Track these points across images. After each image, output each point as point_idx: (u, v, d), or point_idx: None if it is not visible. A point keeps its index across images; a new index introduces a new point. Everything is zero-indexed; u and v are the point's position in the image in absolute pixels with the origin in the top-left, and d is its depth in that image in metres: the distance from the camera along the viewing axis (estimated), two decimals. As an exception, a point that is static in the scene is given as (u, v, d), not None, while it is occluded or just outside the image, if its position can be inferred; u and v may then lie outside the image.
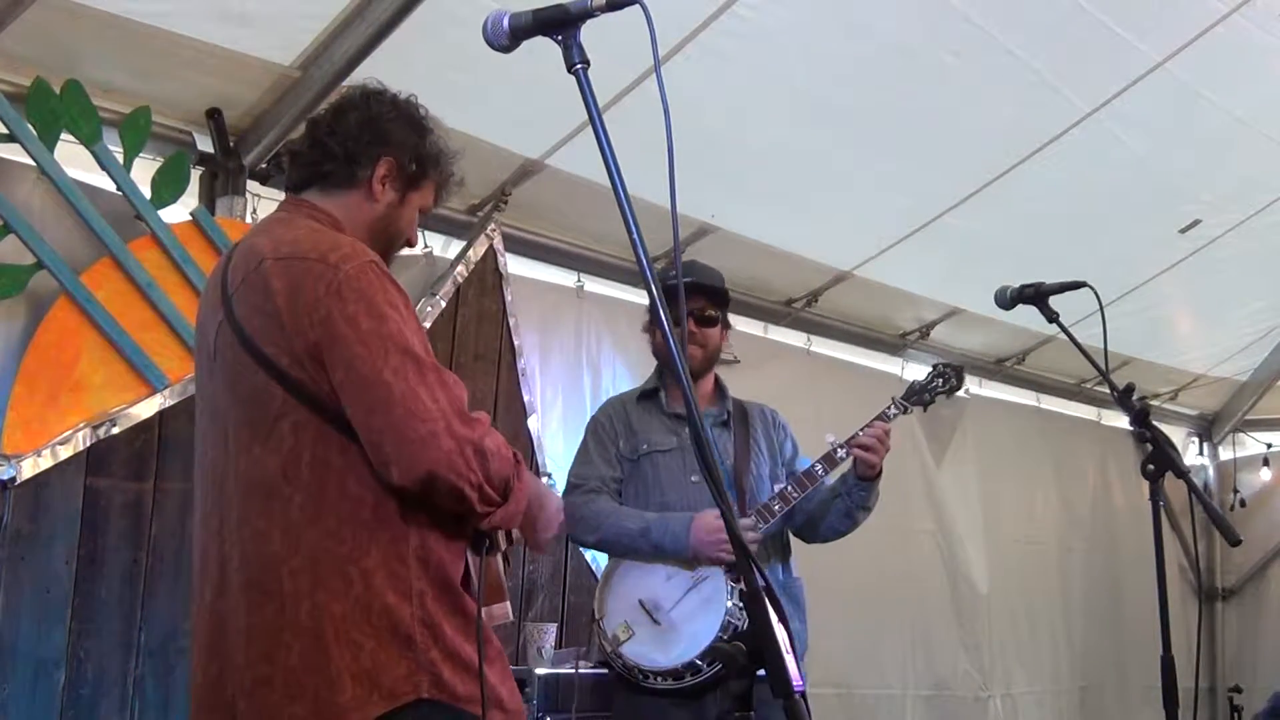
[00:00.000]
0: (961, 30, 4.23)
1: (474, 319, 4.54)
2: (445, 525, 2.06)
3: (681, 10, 3.90)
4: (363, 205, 2.27)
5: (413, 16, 3.53)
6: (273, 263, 2.09)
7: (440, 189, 2.40)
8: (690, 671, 3.25)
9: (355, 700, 1.95)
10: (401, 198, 2.30)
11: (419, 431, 1.94)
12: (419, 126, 2.32)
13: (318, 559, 1.99)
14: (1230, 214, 5.71)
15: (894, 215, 5.20)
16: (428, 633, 2.00)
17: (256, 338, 2.06)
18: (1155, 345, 6.77)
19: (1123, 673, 7.09)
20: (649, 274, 1.59)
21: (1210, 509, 3.08)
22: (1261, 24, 4.47)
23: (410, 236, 2.37)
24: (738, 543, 1.56)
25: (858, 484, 3.45)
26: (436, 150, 2.34)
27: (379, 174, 2.26)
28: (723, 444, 3.56)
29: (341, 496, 2.01)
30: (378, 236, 2.29)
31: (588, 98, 1.67)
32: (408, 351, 2.00)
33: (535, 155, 4.36)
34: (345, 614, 1.97)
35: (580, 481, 3.52)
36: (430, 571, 2.03)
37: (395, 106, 2.32)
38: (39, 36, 3.29)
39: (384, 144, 2.27)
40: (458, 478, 1.96)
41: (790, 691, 1.43)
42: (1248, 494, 7.84)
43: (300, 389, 2.02)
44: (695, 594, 3.34)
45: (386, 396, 1.96)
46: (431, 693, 1.98)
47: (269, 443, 2.04)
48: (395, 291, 2.09)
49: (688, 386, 1.63)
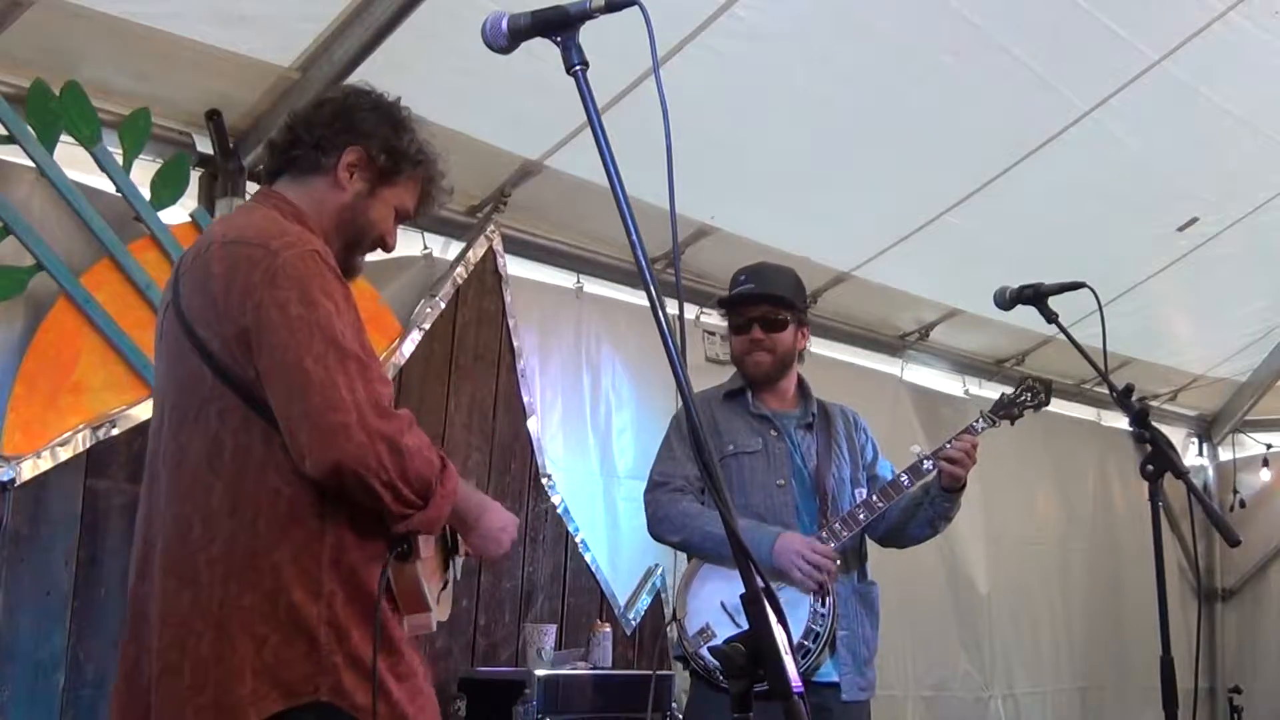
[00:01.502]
0: (960, 30, 4.23)
1: (473, 320, 4.54)
2: (364, 526, 2.01)
3: (680, 11, 3.90)
4: (329, 193, 2.25)
5: (412, 18, 3.53)
6: (218, 246, 2.09)
7: (426, 194, 2.37)
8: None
9: (254, 694, 1.92)
10: (371, 190, 2.27)
11: (331, 421, 1.91)
12: (395, 122, 2.29)
13: (232, 549, 1.97)
14: (1228, 211, 5.71)
15: (893, 215, 5.20)
16: (333, 635, 1.96)
17: (193, 320, 2.06)
18: (1154, 346, 6.77)
19: (1123, 673, 7.08)
20: (648, 275, 1.59)
21: (1210, 509, 3.08)
22: (1259, 21, 4.47)
23: (384, 234, 2.32)
24: (737, 542, 1.56)
25: (942, 495, 3.45)
26: (413, 149, 2.29)
27: (345, 161, 2.24)
28: (806, 446, 3.55)
29: (260, 487, 1.98)
30: (344, 227, 2.26)
31: (587, 99, 1.66)
32: (332, 340, 1.96)
33: (534, 156, 4.36)
34: (253, 607, 1.95)
35: (664, 479, 3.50)
36: (343, 573, 1.99)
37: (374, 102, 2.31)
38: (39, 38, 3.29)
39: (353, 132, 2.25)
40: (367, 472, 1.91)
41: (789, 693, 1.43)
42: (1247, 494, 7.83)
43: (228, 374, 2.01)
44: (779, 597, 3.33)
45: (304, 384, 1.93)
46: (330, 697, 1.94)
47: (196, 427, 2.03)
48: (334, 282, 2.05)
49: (687, 387, 1.62)
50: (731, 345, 3.60)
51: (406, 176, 2.30)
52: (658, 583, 4.96)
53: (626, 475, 4.98)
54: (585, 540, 4.79)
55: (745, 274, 3.57)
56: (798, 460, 3.52)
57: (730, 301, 3.55)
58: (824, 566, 3.27)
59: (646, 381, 5.01)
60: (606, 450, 4.96)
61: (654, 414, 5.06)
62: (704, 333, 5.30)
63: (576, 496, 4.79)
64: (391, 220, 2.32)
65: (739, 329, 3.54)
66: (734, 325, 3.55)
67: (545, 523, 4.70)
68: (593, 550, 4.81)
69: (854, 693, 3.37)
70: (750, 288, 3.52)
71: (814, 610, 3.29)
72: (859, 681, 3.39)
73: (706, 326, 5.32)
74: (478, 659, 4.41)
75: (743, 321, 3.53)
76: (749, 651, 1.48)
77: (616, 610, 4.83)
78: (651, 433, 5.03)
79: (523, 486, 4.62)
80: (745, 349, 3.54)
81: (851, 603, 3.42)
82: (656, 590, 4.95)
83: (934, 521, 3.52)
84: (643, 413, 5.04)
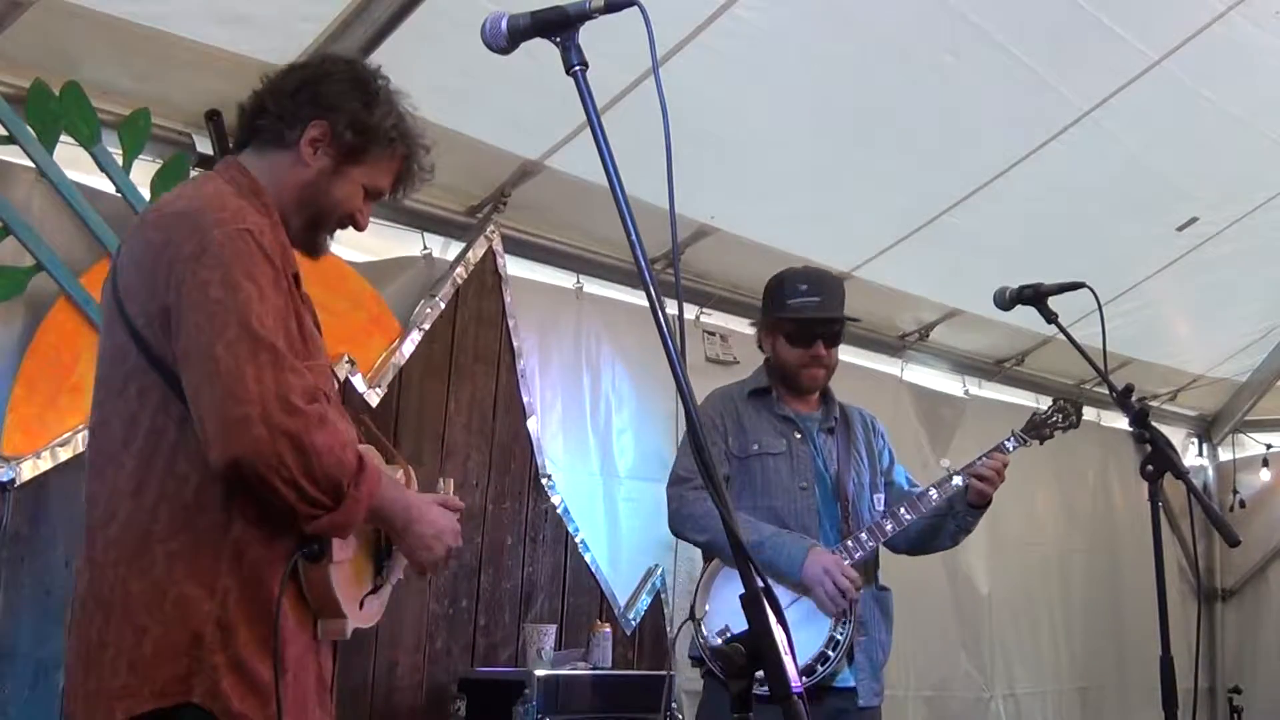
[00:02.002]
0: (959, 29, 4.23)
1: (473, 320, 4.54)
2: (272, 523, 1.93)
3: (680, 11, 3.90)
4: (292, 169, 2.15)
5: (412, 18, 3.53)
6: (154, 218, 2.03)
7: (404, 173, 2.25)
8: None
9: (124, 689, 1.84)
10: (336, 167, 2.16)
11: (233, 414, 1.83)
12: (368, 95, 2.17)
13: (127, 532, 1.90)
14: (1228, 211, 5.71)
15: (893, 215, 5.20)
16: (219, 634, 1.87)
17: (124, 294, 2.00)
18: (1154, 346, 6.77)
19: (1123, 673, 7.08)
20: (647, 275, 1.59)
21: (1209, 510, 3.08)
22: (1259, 21, 4.47)
23: (352, 214, 2.21)
24: (737, 542, 1.56)
25: (968, 510, 3.48)
26: (386, 125, 2.17)
27: (309, 136, 2.14)
28: (828, 450, 3.56)
29: (168, 472, 1.92)
30: (305, 205, 2.17)
31: (586, 99, 1.67)
32: (247, 327, 1.88)
33: (534, 156, 4.36)
34: (140, 595, 1.87)
35: (689, 476, 3.44)
36: (243, 569, 1.91)
37: (348, 72, 2.20)
38: (38, 38, 3.29)
39: (318, 106, 2.14)
40: (266, 469, 1.83)
41: (789, 693, 1.43)
42: (1247, 495, 7.82)
43: (151, 352, 1.95)
44: (800, 605, 3.32)
45: (212, 372, 1.85)
46: (204, 700, 1.85)
47: (117, 404, 1.97)
48: (263, 264, 1.96)
49: (687, 387, 1.62)
50: (782, 353, 3.55)
51: (378, 154, 2.19)
52: (658, 583, 4.96)
53: (627, 475, 4.98)
54: (585, 540, 4.79)
55: (807, 284, 3.53)
56: (820, 464, 3.52)
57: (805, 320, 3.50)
58: (848, 591, 3.28)
59: (646, 382, 5.02)
60: (606, 450, 4.96)
61: (654, 414, 5.06)
62: (704, 333, 5.30)
63: (576, 496, 4.79)
64: (359, 199, 2.21)
65: (800, 341, 3.51)
66: (793, 337, 3.52)
67: (545, 523, 4.70)
68: (593, 550, 4.81)
69: (869, 698, 3.40)
70: (816, 300, 3.50)
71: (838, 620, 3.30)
72: (874, 687, 3.42)
73: (706, 326, 5.32)
74: (477, 659, 4.41)
75: (807, 336, 3.51)
76: (749, 651, 1.48)
77: (616, 610, 4.83)
78: (652, 433, 5.05)
79: (523, 486, 4.62)
80: (804, 363, 3.52)
81: (870, 609, 3.44)
82: (656, 590, 4.95)
83: (956, 535, 3.56)
84: (643, 413, 5.05)
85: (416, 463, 2.73)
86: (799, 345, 3.51)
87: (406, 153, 2.23)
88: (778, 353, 3.57)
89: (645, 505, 5.02)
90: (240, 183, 2.13)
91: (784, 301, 3.52)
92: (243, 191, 2.10)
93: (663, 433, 5.07)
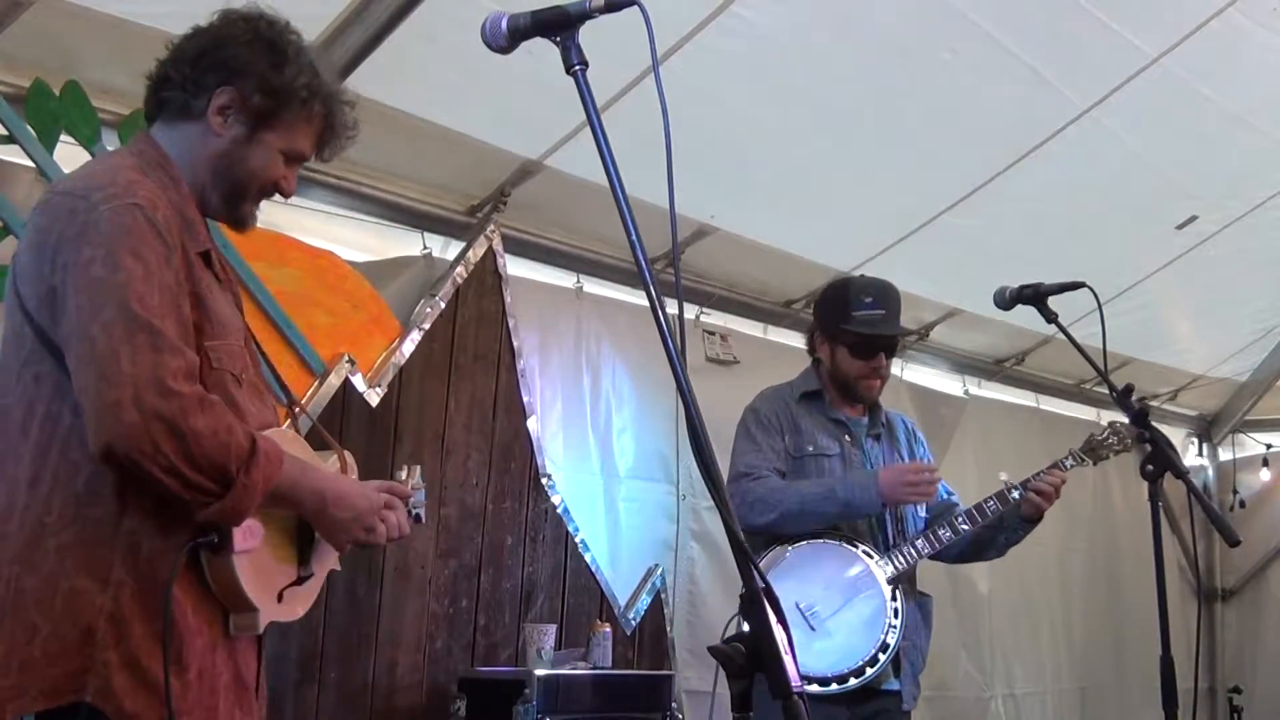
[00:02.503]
0: (958, 27, 4.23)
1: (473, 320, 4.54)
2: (166, 513, 1.85)
3: (679, 10, 3.90)
4: (203, 139, 2.05)
5: (411, 18, 3.53)
6: (48, 197, 1.95)
7: (326, 132, 2.13)
8: (836, 681, 3.29)
9: (13, 690, 1.76)
10: (250, 134, 2.05)
11: (106, 398, 1.75)
12: (275, 54, 2.05)
13: (23, 526, 1.82)
14: (1228, 210, 5.71)
15: (893, 215, 5.20)
16: (112, 630, 1.79)
17: (19, 276, 1.93)
18: (1154, 345, 6.77)
19: (1123, 673, 7.08)
20: (648, 274, 1.59)
21: (1209, 510, 3.09)
22: (1258, 19, 4.48)
23: (275, 181, 2.10)
24: (737, 542, 1.56)
25: (1020, 524, 3.55)
26: (298, 84, 2.05)
27: (216, 104, 2.03)
28: (875, 456, 3.61)
29: (62, 460, 1.84)
30: (221, 176, 2.06)
31: (586, 99, 1.67)
32: (124, 307, 1.79)
33: (534, 156, 4.36)
34: (32, 591, 1.79)
35: (751, 470, 3.47)
36: (138, 562, 1.82)
37: (251, 32, 2.07)
38: (38, 38, 3.29)
39: (224, 71, 2.03)
40: (141, 456, 1.75)
41: (789, 692, 1.43)
42: (1247, 495, 7.83)
43: (42, 335, 1.87)
44: (854, 607, 3.37)
45: (89, 354, 1.78)
46: (96, 699, 1.77)
47: (15, 391, 1.90)
48: (153, 241, 1.87)
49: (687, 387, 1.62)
50: (843, 364, 3.57)
51: (293, 116, 2.07)
52: (658, 583, 4.96)
53: (627, 475, 4.98)
54: (585, 540, 4.79)
55: (872, 297, 3.55)
56: (869, 468, 3.55)
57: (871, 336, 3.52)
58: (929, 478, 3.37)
59: (646, 381, 5.01)
60: (607, 450, 4.96)
61: (654, 414, 5.06)
62: (704, 332, 5.30)
63: (576, 496, 4.79)
64: (279, 165, 2.09)
65: (863, 354, 3.54)
66: (856, 349, 3.54)
67: (545, 523, 4.69)
68: (593, 550, 4.81)
69: (910, 702, 3.46)
70: (881, 314, 3.53)
71: (888, 624, 3.35)
72: (914, 691, 3.48)
73: (706, 326, 5.33)
74: (477, 659, 4.41)
75: (871, 349, 3.54)
76: (749, 651, 1.48)
77: (616, 610, 4.83)
78: (652, 433, 5.05)
79: (523, 486, 4.62)
80: (865, 374, 3.56)
81: (913, 616, 3.47)
82: (656, 590, 4.95)
83: (1004, 547, 3.63)
84: (643, 413, 5.05)
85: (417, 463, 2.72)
86: (861, 358, 3.54)
87: (325, 111, 2.11)
88: (837, 363, 3.59)
89: (645, 505, 5.03)
90: (146, 155, 2.04)
91: (849, 313, 3.53)
92: (147, 165, 2.01)
93: (663, 433, 5.07)
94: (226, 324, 2.01)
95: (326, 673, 4.00)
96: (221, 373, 1.97)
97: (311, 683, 3.96)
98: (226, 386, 1.97)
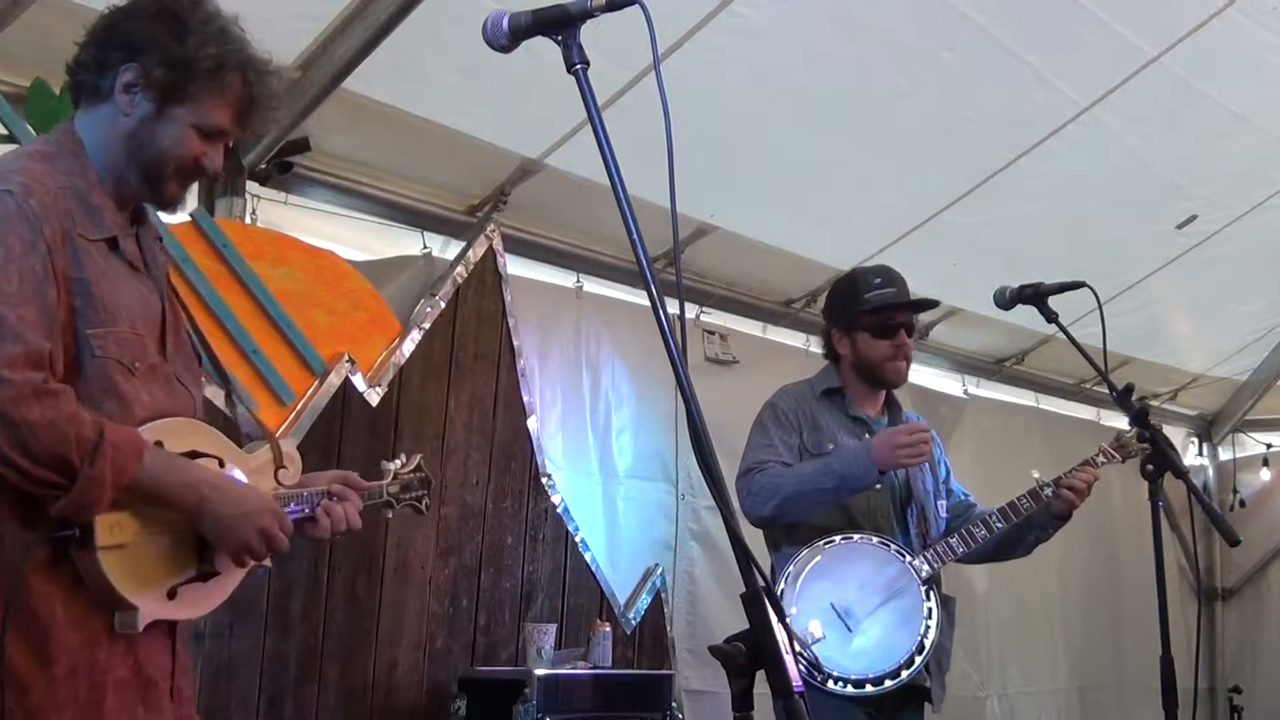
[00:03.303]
0: (958, 26, 4.23)
1: (473, 319, 4.54)
2: (28, 506, 1.82)
3: (680, 9, 3.90)
4: (113, 121, 2.00)
5: (412, 17, 3.52)
6: None
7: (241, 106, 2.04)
8: (871, 683, 3.24)
9: None
10: (158, 111, 1.98)
11: None
12: (177, 25, 1.97)
13: None
14: (1227, 209, 5.71)
15: (892, 213, 5.20)
16: None
17: None
18: (1154, 345, 6.77)
19: (1122, 673, 7.08)
20: (649, 274, 1.59)
21: (1209, 509, 3.09)
22: (1257, 18, 4.48)
23: (189, 157, 2.02)
24: (737, 542, 1.56)
25: (1052, 521, 3.49)
26: (202, 55, 1.97)
27: (121, 82, 1.97)
28: None
29: None
30: (134, 156, 2.01)
31: (587, 98, 1.66)
32: None
33: (534, 155, 4.36)
34: None
35: (757, 464, 3.40)
36: (3, 554, 1.81)
37: (157, 4, 2.00)
38: (38, 37, 3.28)
39: (126, 48, 1.97)
40: None
41: (790, 691, 1.43)
42: (1247, 494, 7.83)
43: None
44: (891, 607, 3.33)
45: None
46: None
47: None
48: (18, 227, 1.83)
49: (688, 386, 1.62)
50: (866, 349, 3.49)
51: (201, 89, 1.99)
52: (658, 582, 4.96)
53: (626, 475, 4.98)
54: (585, 540, 4.79)
55: (880, 278, 3.51)
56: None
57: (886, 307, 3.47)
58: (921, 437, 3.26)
59: (646, 381, 5.01)
60: (606, 450, 4.96)
61: (653, 414, 5.06)
62: (704, 332, 5.30)
63: (576, 496, 4.79)
64: (194, 142, 2.01)
65: (884, 333, 3.47)
66: (877, 330, 3.47)
67: (545, 523, 4.69)
68: (593, 550, 4.81)
69: (938, 704, 3.44)
70: (893, 291, 3.47)
71: (924, 624, 3.31)
72: (941, 694, 3.45)
73: (706, 325, 5.32)
74: (477, 658, 4.41)
75: (890, 326, 3.47)
76: (749, 650, 1.48)
77: (616, 610, 4.83)
78: (651, 432, 5.05)
79: (523, 486, 4.62)
80: (889, 355, 3.48)
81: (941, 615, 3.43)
82: (656, 590, 4.95)
83: (1033, 546, 3.59)
84: (642, 412, 5.05)
85: (417, 462, 2.70)
86: (883, 337, 3.47)
87: (241, 80, 2.02)
88: (860, 351, 3.51)
89: (645, 505, 5.03)
90: (59, 142, 2.01)
91: (861, 296, 3.48)
92: (57, 153, 1.99)
93: (662, 432, 5.06)
94: (118, 311, 1.95)
95: (326, 672, 4.00)
96: (105, 360, 1.91)
97: (311, 682, 3.96)
98: (109, 374, 1.92)
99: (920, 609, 3.34)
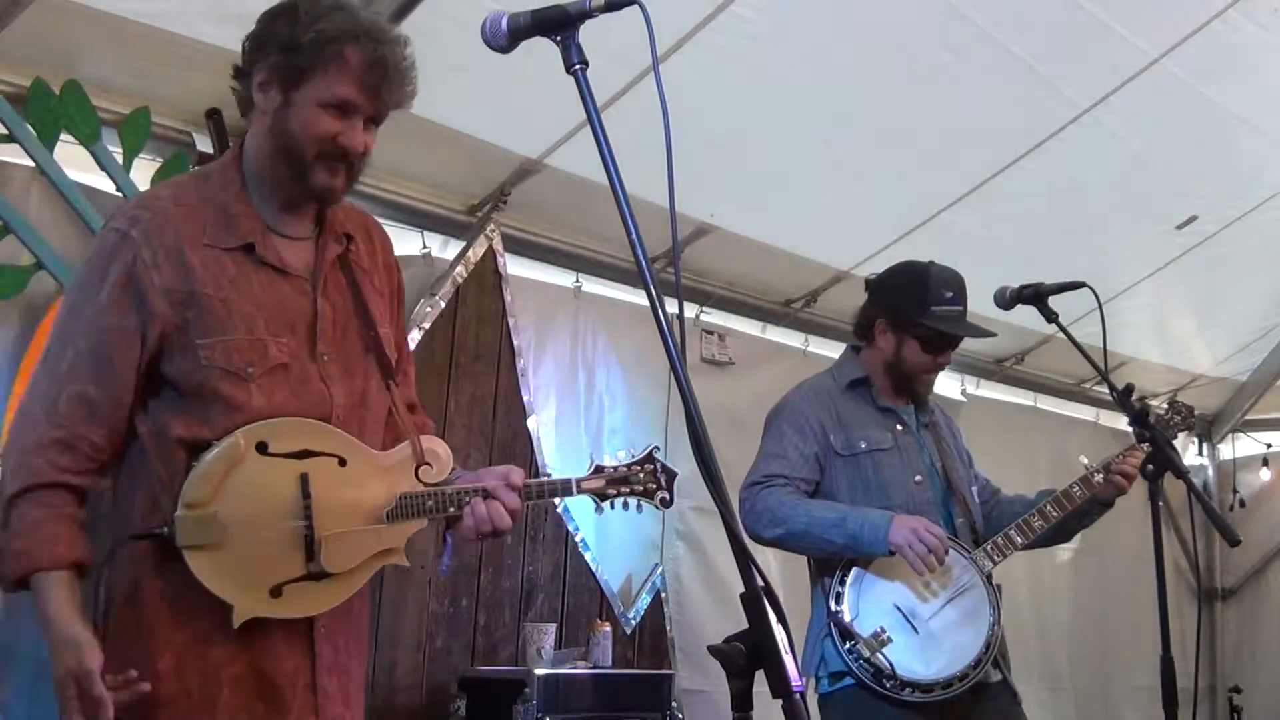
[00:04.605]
0: (959, 27, 4.23)
1: (473, 319, 4.54)
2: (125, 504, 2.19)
3: (680, 9, 3.90)
4: (260, 123, 2.12)
5: (412, 17, 3.53)
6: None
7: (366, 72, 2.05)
8: (941, 686, 3.13)
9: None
10: (285, 100, 2.06)
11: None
12: (291, 19, 2.06)
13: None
14: (1228, 210, 5.71)
15: (892, 214, 5.19)
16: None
17: None
18: (1154, 345, 6.77)
19: (1122, 673, 7.07)
20: (648, 274, 1.59)
21: (1209, 509, 3.09)
22: (1258, 20, 4.48)
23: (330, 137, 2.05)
24: (737, 543, 1.56)
25: (1098, 507, 3.46)
26: (309, 35, 2.03)
27: (256, 83, 2.09)
28: (930, 446, 3.45)
29: None
30: (278, 151, 2.09)
31: (587, 98, 1.66)
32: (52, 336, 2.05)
33: (534, 155, 4.36)
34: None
35: (765, 480, 3.29)
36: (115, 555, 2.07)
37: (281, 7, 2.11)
38: (38, 37, 3.29)
39: (256, 53, 2.10)
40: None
41: (790, 691, 1.43)
42: (1247, 494, 7.82)
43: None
44: (957, 605, 3.25)
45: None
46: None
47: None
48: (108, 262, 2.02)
49: (687, 386, 1.62)
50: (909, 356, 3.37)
51: (317, 66, 2.03)
52: (658, 582, 4.96)
53: (620, 476, 4.97)
54: (585, 540, 4.79)
55: (952, 291, 3.35)
56: (927, 458, 3.42)
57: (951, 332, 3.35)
58: (936, 550, 3.15)
59: (640, 382, 5.00)
60: (598, 450, 4.92)
61: (645, 415, 5.05)
62: (702, 332, 5.30)
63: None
64: (324, 120, 2.05)
65: (933, 348, 3.35)
66: (929, 344, 3.35)
67: (545, 522, 4.69)
68: (593, 550, 4.81)
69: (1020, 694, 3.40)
70: (959, 310, 3.34)
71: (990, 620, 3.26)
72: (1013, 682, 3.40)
73: (705, 325, 5.32)
74: (477, 658, 4.41)
75: (945, 346, 3.37)
76: (749, 650, 1.48)
77: (616, 610, 4.83)
78: (641, 432, 5.03)
79: (522, 486, 4.61)
80: (929, 369, 3.39)
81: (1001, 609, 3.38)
82: (656, 590, 4.95)
83: (1075, 532, 3.58)
84: (634, 413, 5.03)
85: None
86: (932, 353, 3.36)
87: (358, 49, 2.04)
88: (902, 355, 3.37)
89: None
90: (228, 158, 2.16)
91: (928, 307, 3.31)
92: (218, 167, 2.15)
93: (653, 433, 5.02)
94: (235, 319, 2.03)
95: (326, 672, 4.00)
96: (210, 369, 2.01)
97: (311, 682, 3.96)
98: (214, 382, 2.01)
99: (986, 604, 3.27)
